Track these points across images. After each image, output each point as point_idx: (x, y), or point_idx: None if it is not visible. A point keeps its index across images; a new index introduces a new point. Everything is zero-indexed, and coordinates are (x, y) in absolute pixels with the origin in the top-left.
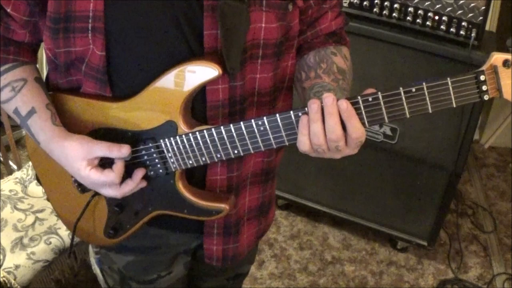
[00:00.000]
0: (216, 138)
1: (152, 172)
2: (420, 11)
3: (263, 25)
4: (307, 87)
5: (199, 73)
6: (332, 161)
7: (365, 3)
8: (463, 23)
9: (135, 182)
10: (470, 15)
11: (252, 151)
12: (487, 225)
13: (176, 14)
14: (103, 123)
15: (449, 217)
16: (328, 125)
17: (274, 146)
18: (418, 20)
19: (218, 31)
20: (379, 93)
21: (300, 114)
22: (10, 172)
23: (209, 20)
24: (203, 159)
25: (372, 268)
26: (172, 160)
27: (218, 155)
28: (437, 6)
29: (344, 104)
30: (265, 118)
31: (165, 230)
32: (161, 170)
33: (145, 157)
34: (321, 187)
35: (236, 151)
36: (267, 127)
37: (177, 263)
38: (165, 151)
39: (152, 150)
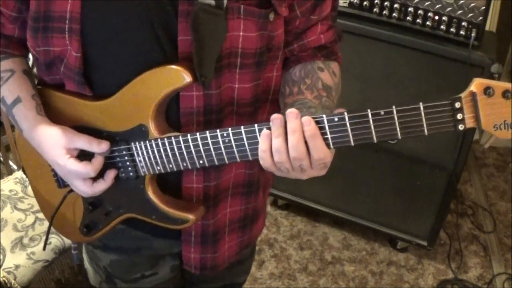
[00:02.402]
0: (182, 146)
1: (123, 174)
2: (420, 11)
3: (241, 33)
4: (288, 103)
5: (170, 79)
6: (332, 161)
7: (365, 3)
8: (463, 23)
9: (107, 183)
10: (470, 15)
11: (216, 163)
12: (487, 225)
13: (150, 18)
14: (82, 121)
15: (449, 217)
16: (291, 142)
17: (238, 160)
18: (418, 20)
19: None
20: (345, 113)
21: (264, 128)
22: (10, 172)
23: (184, 26)
24: (170, 166)
25: (372, 268)
26: (141, 164)
27: (184, 164)
28: (437, 6)
29: (308, 121)
30: (230, 129)
31: (146, 234)
32: (131, 173)
33: (118, 159)
34: (321, 187)
35: (201, 161)
36: (232, 139)
37: (163, 265)
38: (135, 154)
39: (124, 152)
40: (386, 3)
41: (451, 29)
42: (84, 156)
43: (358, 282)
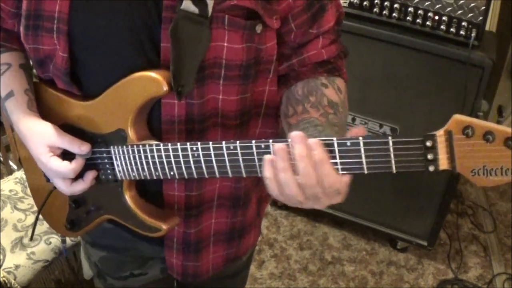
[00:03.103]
0: (155, 155)
1: (103, 176)
2: (420, 11)
3: (225, 44)
4: (293, 123)
5: (147, 87)
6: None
7: (365, 3)
8: (463, 23)
9: (86, 184)
10: (470, 15)
11: (186, 176)
12: (487, 225)
13: (135, 23)
14: (70, 120)
15: (449, 217)
16: (300, 169)
17: (206, 176)
18: (418, 20)
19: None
20: (317, 139)
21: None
22: (10, 172)
23: (167, 33)
24: (144, 173)
25: (372, 268)
26: (119, 169)
27: (156, 173)
28: (437, 6)
29: (316, 144)
30: (199, 143)
31: (133, 236)
32: (110, 176)
33: (99, 160)
34: None
35: (172, 173)
36: (200, 153)
37: (152, 267)
38: (114, 158)
39: (104, 154)
40: (386, 3)
41: (451, 29)
42: (67, 154)
43: (358, 282)
